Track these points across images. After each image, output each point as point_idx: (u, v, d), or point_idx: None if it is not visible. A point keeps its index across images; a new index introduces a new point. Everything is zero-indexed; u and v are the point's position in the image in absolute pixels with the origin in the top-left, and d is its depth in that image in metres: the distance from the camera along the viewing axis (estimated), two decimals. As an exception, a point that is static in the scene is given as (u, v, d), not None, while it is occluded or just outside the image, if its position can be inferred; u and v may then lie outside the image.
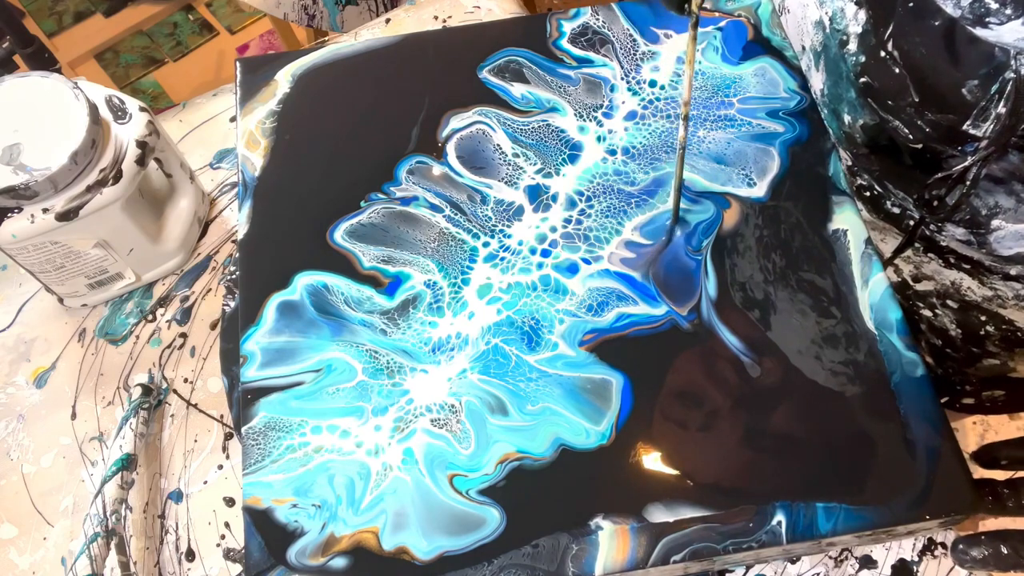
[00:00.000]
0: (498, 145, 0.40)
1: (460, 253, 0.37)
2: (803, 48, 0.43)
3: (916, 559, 0.39)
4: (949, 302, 0.43)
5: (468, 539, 0.31)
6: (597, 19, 0.44)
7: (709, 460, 0.32)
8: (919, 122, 0.36)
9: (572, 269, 0.37)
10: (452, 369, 0.34)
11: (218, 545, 0.41)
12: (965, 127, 0.35)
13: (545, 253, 0.37)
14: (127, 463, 0.40)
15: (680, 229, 0.37)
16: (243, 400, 0.34)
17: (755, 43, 0.43)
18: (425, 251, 0.37)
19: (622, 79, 0.42)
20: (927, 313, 0.45)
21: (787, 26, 0.44)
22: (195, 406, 0.44)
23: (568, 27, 0.43)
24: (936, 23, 0.34)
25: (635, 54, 0.43)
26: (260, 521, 0.32)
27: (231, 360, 0.44)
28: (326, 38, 0.60)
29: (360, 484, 0.32)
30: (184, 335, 0.47)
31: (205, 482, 0.42)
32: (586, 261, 0.37)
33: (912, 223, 0.41)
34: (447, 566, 0.31)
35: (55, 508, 0.43)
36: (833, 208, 0.38)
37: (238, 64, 0.43)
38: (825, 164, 0.39)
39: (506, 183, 0.39)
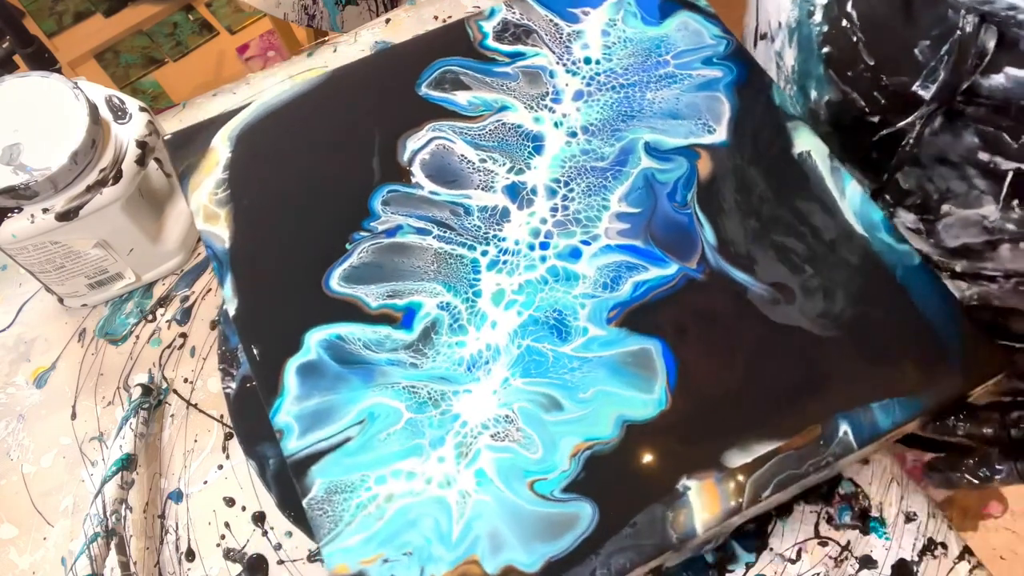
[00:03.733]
0: (462, 155, 0.40)
1: (462, 268, 0.37)
2: (779, 24, 0.44)
3: (916, 559, 0.41)
4: None
5: (568, 539, 0.31)
6: (513, 13, 0.44)
7: (762, 393, 0.33)
8: (875, 93, 0.37)
9: (575, 254, 0.37)
10: (494, 381, 0.34)
11: (218, 545, 0.41)
12: (915, 88, 0.36)
13: (544, 246, 0.37)
14: (127, 463, 0.40)
15: (661, 189, 0.38)
16: (294, 473, 0.33)
17: (668, 1, 0.44)
18: (427, 276, 0.37)
19: (558, 63, 0.42)
20: None
21: (766, 3, 0.45)
22: (195, 406, 0.45)
23: (488, 26, 0.44)
24: None
25: (561, 37, 0.43)
26: (355, 587, 0.30)
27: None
28: (326, 38, 0.58)
29: (444, 519, 0.31)
30: (184, 335, 0.47)
31: (205, 482, 0.43)
32: (585, 243, 0.37)
33: None
34: (556, 570, 0.30)
35: (55, 508, 0.43)
36: (791, 134, 0.39)
37: (166, 143, 0.41)
38: (770, 96, 0.41)
39: (483, 189, 0.39)
